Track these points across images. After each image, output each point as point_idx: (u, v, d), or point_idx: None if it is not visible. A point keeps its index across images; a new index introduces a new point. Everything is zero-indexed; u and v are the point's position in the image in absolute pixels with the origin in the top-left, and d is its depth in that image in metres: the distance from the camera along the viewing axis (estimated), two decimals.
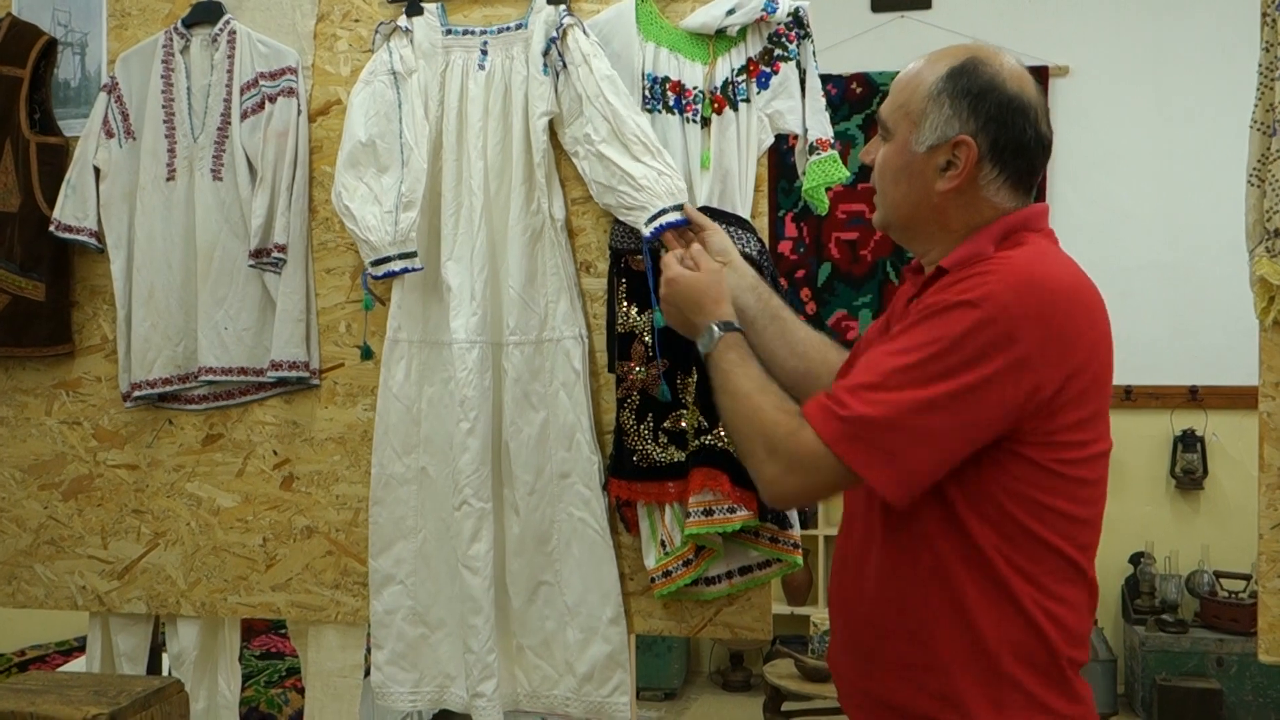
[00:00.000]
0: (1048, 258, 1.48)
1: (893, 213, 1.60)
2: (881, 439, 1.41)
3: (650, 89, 2.29)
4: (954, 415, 1.39)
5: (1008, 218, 1.53)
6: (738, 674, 5.42)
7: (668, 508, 2.25)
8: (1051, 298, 1.42)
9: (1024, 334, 1.39)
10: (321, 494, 2.47)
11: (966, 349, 1.39)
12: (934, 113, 1.52)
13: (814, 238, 5.57)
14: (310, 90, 2.47)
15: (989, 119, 1.50)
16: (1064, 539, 1.47)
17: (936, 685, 1.49)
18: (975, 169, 1.51)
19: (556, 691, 2.34)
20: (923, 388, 1.39)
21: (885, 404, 1.41)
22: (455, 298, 2.31)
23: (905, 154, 1.55)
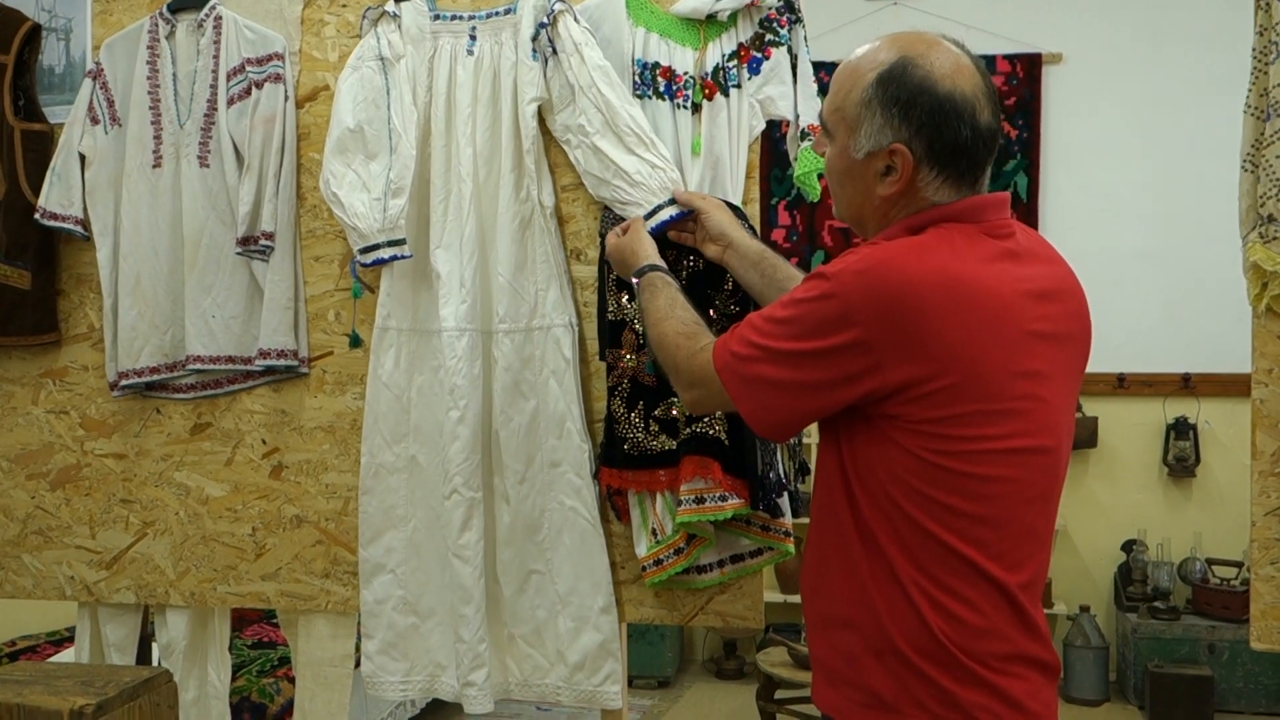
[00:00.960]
0: (925, 250, 1.45)
1: (844, 210, 1.63)
2: (744, 374, 1.53)
3: (640, 75, 2.27)
4: (797, 371, 1.48)
5: (929, 211, 1.52)
6: (731, 662, 5.43)
7: (659, 496, 2.24)
8: (899, 292, 1.41)
9: (861, 318, 1.41)
10: (311, 483, 2.45)
11: (809, 319, 1.46)
12: (867, 121, 1.51)
13: (807, 226, 5.56)
14: (297, 76, 2.45)
15: (921, 125, 1.48)
16: (953, 533, 1.45)
17: (851, 658, 1.52)
18: (914, 173, 1.50)
19: (548, 680, 2.33)
20: (776, 340, 1.49)
21: (750, 346, 1.52)
22: (444, 285, 2.29)
23: (846, 158, 1.55)
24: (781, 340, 1.49)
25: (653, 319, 1.79)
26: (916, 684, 1.46)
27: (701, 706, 5.01)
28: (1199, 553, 5.04)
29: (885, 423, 1.46)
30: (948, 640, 1.45)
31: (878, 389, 1.44)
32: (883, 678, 1.48)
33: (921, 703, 1.46)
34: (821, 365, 1.46)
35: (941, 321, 1.40)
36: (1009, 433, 1.45)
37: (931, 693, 1.45)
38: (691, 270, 2.20)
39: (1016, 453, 1.46)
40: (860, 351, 1.43)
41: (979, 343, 1.42)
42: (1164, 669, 4.71)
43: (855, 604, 1.51)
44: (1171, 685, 4.66)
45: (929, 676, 1.45)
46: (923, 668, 1.45)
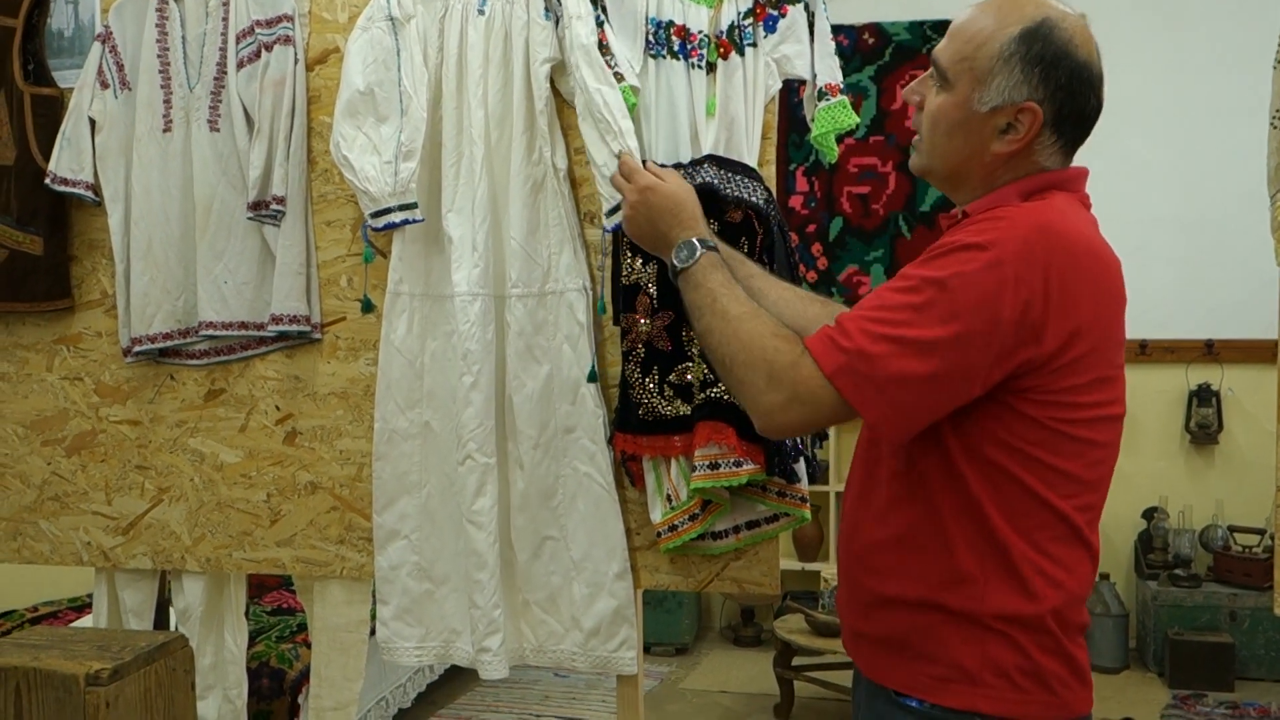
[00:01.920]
0: (1066, 213, 1.45)
1: (939, 163, 1.56)
2: (879, 374, 1.39)
3: (654, 34, 2.23)
4: (952, 357, 1.37)
5: (1046, 174, 1.50)
6: (749, 629, 5.43)
7: (673, 461, 2.22)
8: (1060, 251, 1.39)
9: (1030, 280, 1.36)
10: (325, 449, 2.45)
11: (968, 293, 1.37)
12: (1002, 74, 1.46)
13: (825, 192, 5.50)
14: (307, 38, 2.42)
15: (1058, 88, 1.46)
16: (1064, 498, 1.45)
17: (927, 632, 1.49)
18: (1037, 135, 1.48)
19: (563, 646, 2.32)
20: (918, 328, 1.37)
21: (880, 340, 1.39)
22: (456, 250, 2.27)
23: (964, 110, 1.49)
24: (927, 327, 1.38)
25: (736, 311, 1.53)
26: (1005, 654, 1.45)
27: (719, 673, 5.02)
28: (1221, 520, 4.99)
29: (1012, 396, 1.42)
30: (1049, 609, 1.45)
31: (1030, 360, 1.39)
32: (969, 649, 1.46)
33: (1005, 672, 1.45)
34: (983, 344, 1.37)
35: (1091, 286, 1.41)
36: (1113, 398, 1.47)
37: (1018, 662, 1.45)
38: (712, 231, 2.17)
39: (1117, 419, 1.49)
40: (1027, 322, 1.37)
41: (1107, 309, 1.44)
42: (1184, 636, 4.68)
43: (945, 581, 1.47)
44: (1192, 652, 4.64)
45: (1020, 645, 1.45)
46: (1016, 637, 1.45)
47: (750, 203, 2.16)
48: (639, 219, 1.73)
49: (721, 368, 1.54)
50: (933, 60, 1.54)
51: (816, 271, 5.48)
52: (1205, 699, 4.51)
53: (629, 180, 1.74)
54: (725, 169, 2.17)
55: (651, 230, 1.71)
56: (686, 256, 1.62)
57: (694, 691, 4.76)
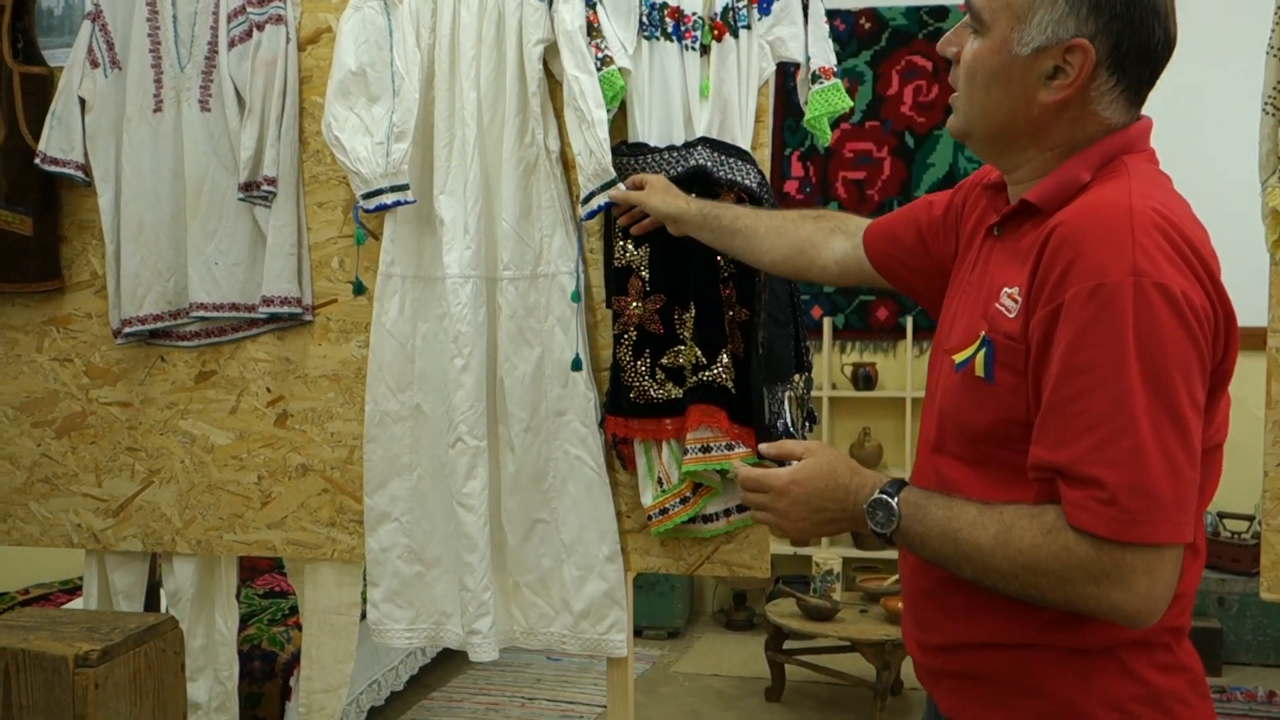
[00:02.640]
0: (1156, 188, 1.24)
1: (979, 121, 1.34)
2: (1157, 492, 1.14)
3: (648, 15, 2.22)
4: (1192, 403, 1.16)
5: (1113, 137, 1.29)
6: (740, 613, 5.45)
7: (665, 445, 2.22)
8: (1186, 240, 1.19)
9: (1193, 289, 1.17)
10: (316, 431, 2.44)
11: (1155, 339, 1.14)
12: (1045, 8, 1.25)
13: (820, 177, 5.49)
14: (299, 17, 2.40)
15: (1113, 17, 1.24)
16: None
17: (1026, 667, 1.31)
18: (1090, 77, 1.26)
19: (553, 629, 2.33)
20: (1155, 402, 1.14)
21: (1136, 451, 1.14)
22: (448, 232, 2.26)
23: (1003, 55, 1.28)
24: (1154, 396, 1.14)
25: (985, 543, 1.23)
26: (1117, 683, 1.27)
27: (711, 657, 5.03)
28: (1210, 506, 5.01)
29: None
30: (1168, 625, 1.27)
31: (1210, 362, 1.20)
32: (1075, 683, 1.27)
33: (1120, 705, 1.27)
34: (1202, 383, 1.18)
35: (1216, 263, 1.23)
36: (1227, 392, 1.30)
37: (1134, 690, 1.27)
38: None
39: (1226, 420, 1.31)
40: (1213, 333, 1.18)
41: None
42: None
43: (1049, 619, 1.27)
44: None
45: (1132, 670, 1.27)
46: (1127, 660, 1.27)
47: (743, 185, 2.15)
48: (807, 517, 1.37)
49: (1031, 602, 1.24)
50: (967, 2, 1.33)
51: None
52: None
53: (763, 491, 1.39)
54: (718, 151, 2.17)
55: (828, 517, 1.37)
56: (885, 519, 1.31)
57: (685, 675, 4.78)
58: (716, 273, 2.17)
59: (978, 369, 1.29)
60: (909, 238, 1.63)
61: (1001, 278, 1.30)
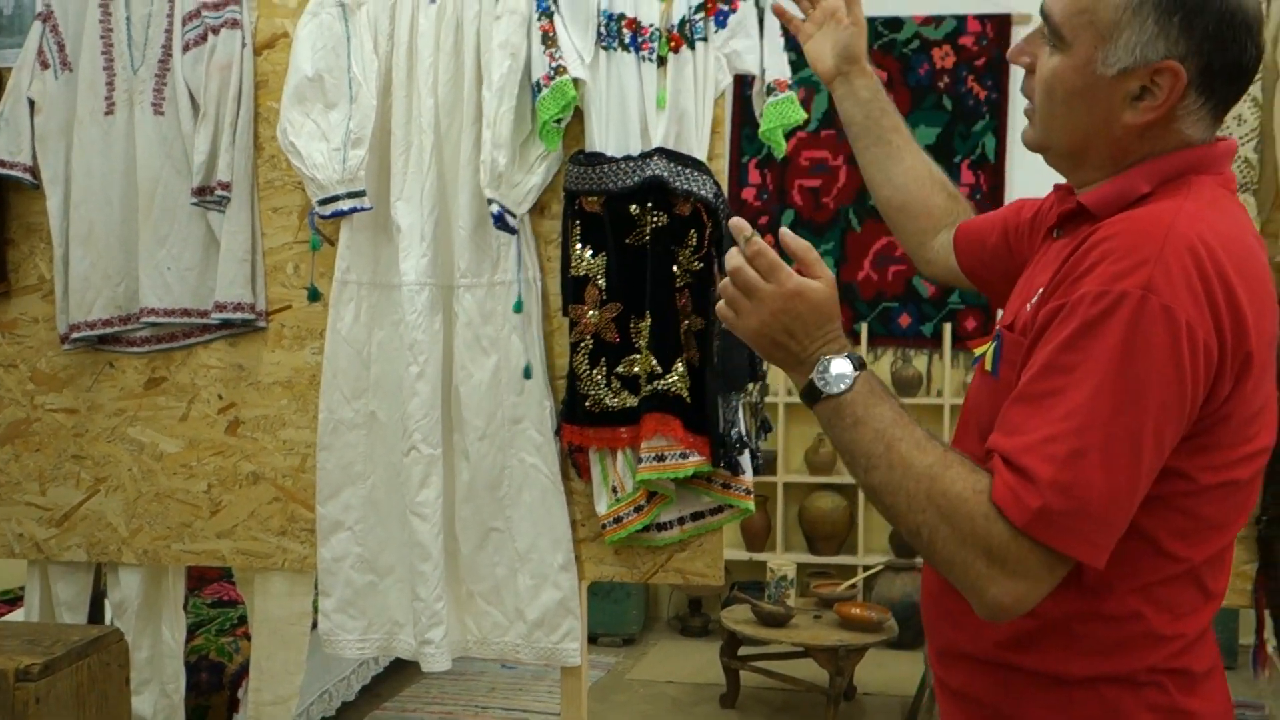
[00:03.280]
0: (1209, 213, 1.17)
1: (1058, 138, 1.28)
2: (1085, 502, 1.11)
3: (606, 26, 2.22)
4: (1156, 435, 1.12)
5: (1183, 153, 1.23)
6: (696, 620, 5.46)
7: (620, 453, 2.22)
8: (1217, 274, 1.12)
9: (1201, 320, 1.12)
10: (268, 439, 2.42)
11: (1142, 359, 1.11)
12: (1132, 28, 1.18)
13: (777, 185, 5.53)
14: (255, 22, 2.38)
15: (1205, 38, 1.17)
16: (1191, 547, 1.22)
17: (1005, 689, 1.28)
18: (1179, 99, 1.20)
19: (506, 638, 2.32)
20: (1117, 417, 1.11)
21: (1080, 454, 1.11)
22: (405, 238, 2.26)
23: (1086, 75, 1.22)
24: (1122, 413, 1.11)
25: (920, 462, 1.17)
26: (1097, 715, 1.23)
27: (666, 663, 5.04)
28: None
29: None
30: (1147, 664, 1.22)
31: (1205, 408, 1.16)
32: (1051, 714, 1.24)
33: None
34: (1178, 414, 1.13)
35: (1254, 301, 1.16)
36: (1264, 426, 1.22)
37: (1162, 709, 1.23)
38: (655, 226, 2.17)
39: (1264, 451, 1.23)
40: (1209, 368, 1.13)
41: (1270, 324, 1.19)
42: None
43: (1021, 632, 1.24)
44: None
45: (1123, 713, 1.22)
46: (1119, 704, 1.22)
47: (699, 196, 2.16)
48: (772, 328, 1.25)
49: (914, 537, 1.19)
50: (1043, 13, 1.27)
51: None
52: None
53: (767, 278, 1.25)
54: (675, 162, 2.18)
55: (786, 342, 1.26)
56: (838, 380, 1.22)
57: (641, 682, 4.78)
58: (672, 282, 2.18)
59: (987, 363, 1.29)
60: (994, 238, 1.57)
61: (1040, 278, 1.27)
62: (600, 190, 2.19)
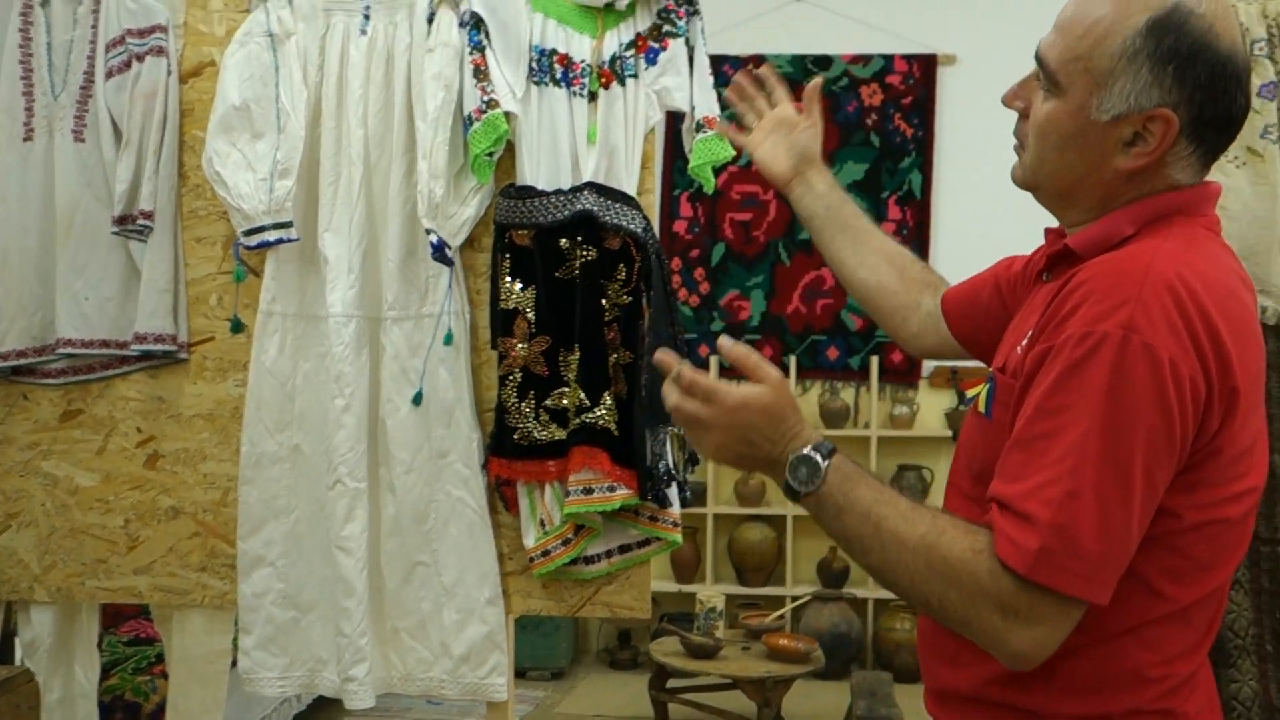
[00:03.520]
0: (1188, 254, 1.20)
1: (1049, 180, 1.31)
2: (1079, 541, 1.12)
3: (538, 61, 2.24)
4: (1146, 471, 1.14)
5: (1168, 195, 1.25)
6: (625, 652, 5.44)
7: (547, 486, 2.22)
8: (1199, 313, 1.15)
9: (1186, 359, 1.13)
10: (188, 473, 2.37)
11: (1127, 397, 1.12)
12: (1126, 76, 1.21)
13: (709, 218, 5.58)
14: (181, 50, 2.36)
15: (1197, 88, 1.20)
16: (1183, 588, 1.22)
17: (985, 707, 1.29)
18: (1169, 147, 1.23)
19: (432, 674, 2.29)
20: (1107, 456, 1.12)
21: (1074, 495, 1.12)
22: (332, 270, 2.24)
23: (1079, 119, 1.24)
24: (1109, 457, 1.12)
25: (912, 534, 1.18)
26: None
27: (594, 696, 5.01)
28: None
29: None
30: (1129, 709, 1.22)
31: (1194, 446, 1.17)
32: None
33: None
34: (1167, 453, 1.14)
35: (1237, 340, 1.17)
36: (1254, 465, 1.24)
37: None
38: (585, 260, 2.18)
39: (1254, 491, 1.25)
40: (1196, 407, 1.15)
41: (1255, 363, 1.22)
42: None
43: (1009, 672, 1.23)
44: None
45: None
46: None
47: (628, 230, 2.18)
48: (730, 444, 1.26)
49: (926, 607, 1.21)
50: (1038, 59, 1.30)
51: (699, 296, 5.56)
52: None
53: (707, 403, 1.24)
54: (605, 196, 2.19)
55: (748, 451, 1.26)
56: (808, 476, 1.23)
57: (569, 716, 4.74)
58: (601, 316, 2.19)
59: (980, 405, 1.30)
60: (986, 294, 1.58)
61: (1028, 321, 1.29)
62: (530, 224, 2.20)
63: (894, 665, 4.96)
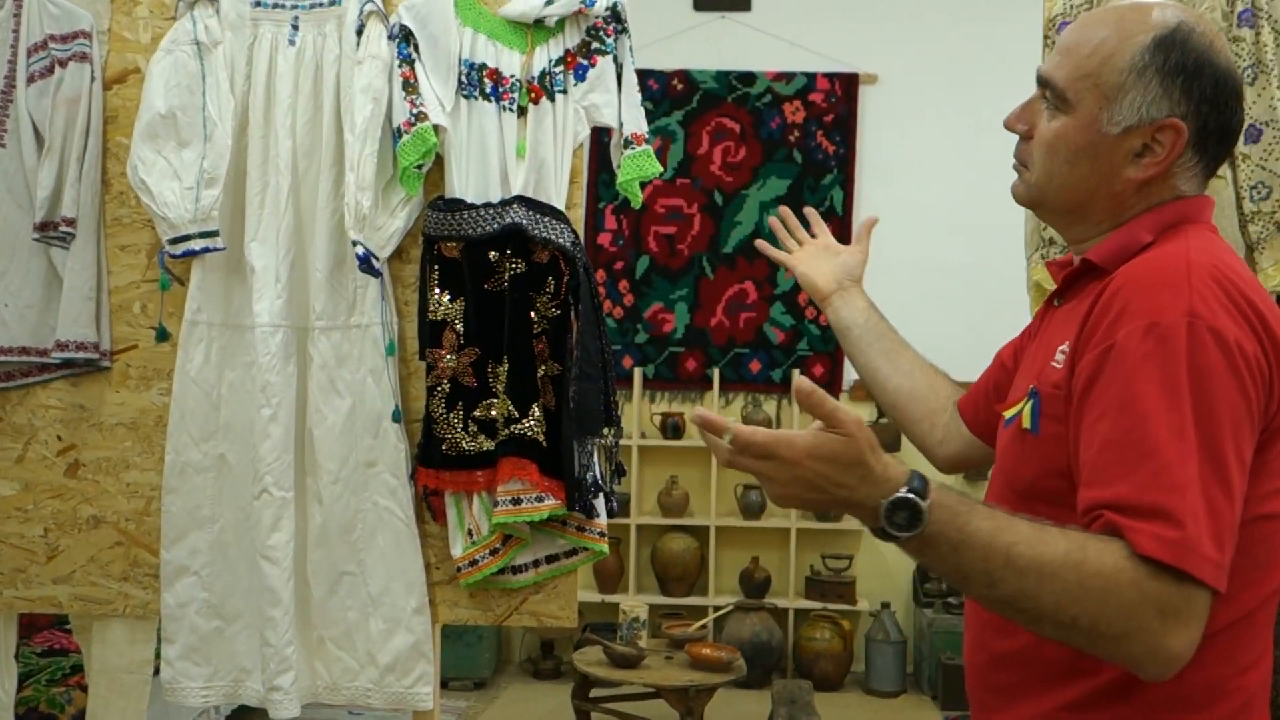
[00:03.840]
0: (1215, 249, 1.26)
1: (1058, 195, 1.36)
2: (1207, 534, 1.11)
3: (467, 75, 2.27)
4: (1236, 452, 1.15)
5: (1177, 204, 1.32)
6: (548, 662, 5.45)
7: (475, 496, 2.24)
8: (1242, 294, 1.19)
9: (1246, 337, 1.17)
10: (110, 482, 2.35)
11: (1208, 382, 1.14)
12: (1136, 89, 1.28)
13: (633, 231, 5.64)
14: (105, 56, 2.34)
15: (1202, 100, 1.27)
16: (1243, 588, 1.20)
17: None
18: (1178, 157, 1.29)
19: (358, 683, 2.30)
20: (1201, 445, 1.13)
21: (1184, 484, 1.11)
22: (259, 280, 2.24)
23: (1090, 133, 1.30)
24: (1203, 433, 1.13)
25: (1047, 560, 1.12)
26: None
27: (517, 706, 5.01)
28: None
29: None
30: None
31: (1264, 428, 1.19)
32: None
33: None
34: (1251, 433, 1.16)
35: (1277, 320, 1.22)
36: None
37: None
38: (514, 273, 2.22)
39: None
40: (1264, 381, 1.17)
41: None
42: (956, 661, 4.98)
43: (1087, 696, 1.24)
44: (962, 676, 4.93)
45: None
46: None
47: (557, 244, 2.22)
48: (798, 494, 1.17)
49: (1069, 630, 1.14)
50: (1043, 81, 1.35)
51: (623, 308, 5.61)
52: None
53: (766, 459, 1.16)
54: (534, 210, 2.23)
55: (818, 497, 1.17)
56: (909, 521, 1.13)
57: None
58: (530, 328, 2.22)
59: (1025, 421, 1.29)
60: (993, 380, 1.60)
61: (1057, 339, 1.31)
62: (459, 236, 2.23)
63: (813, 674, 5.05)
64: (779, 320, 5.53)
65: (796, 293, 5.48)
